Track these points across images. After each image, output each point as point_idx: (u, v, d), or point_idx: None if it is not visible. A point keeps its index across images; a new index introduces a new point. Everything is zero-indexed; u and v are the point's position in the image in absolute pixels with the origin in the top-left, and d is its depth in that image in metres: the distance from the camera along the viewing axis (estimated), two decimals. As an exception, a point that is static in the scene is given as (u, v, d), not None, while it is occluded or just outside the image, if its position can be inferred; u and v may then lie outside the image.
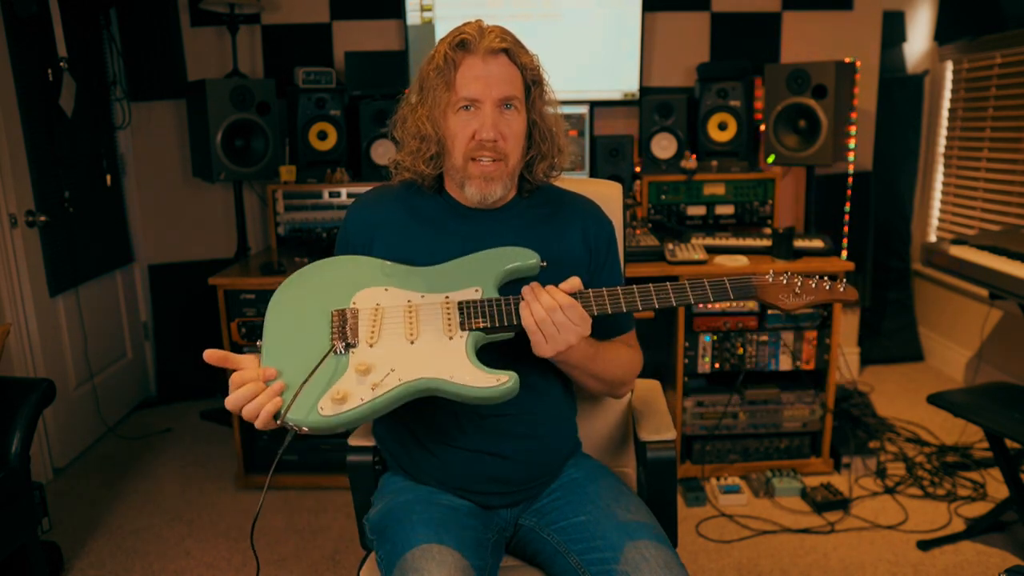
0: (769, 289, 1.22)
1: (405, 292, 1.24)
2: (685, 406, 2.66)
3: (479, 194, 1.28)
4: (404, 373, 1.14)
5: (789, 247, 2.58)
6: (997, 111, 3.24)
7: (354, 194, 2.97)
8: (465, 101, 1.23)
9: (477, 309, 1.20)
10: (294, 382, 1.12)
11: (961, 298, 3.49)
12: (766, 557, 2.25)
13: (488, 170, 1.26)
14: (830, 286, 1.21)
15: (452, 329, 1.19)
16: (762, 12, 3.34)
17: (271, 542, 2.37)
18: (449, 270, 1.26)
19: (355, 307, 1.21)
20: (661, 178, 3.03)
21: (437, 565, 1.12)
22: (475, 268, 1.25)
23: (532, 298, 1.17)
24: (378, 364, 1.14)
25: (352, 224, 1.36)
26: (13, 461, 1.88)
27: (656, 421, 1.49)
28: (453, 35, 1.25)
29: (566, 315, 1.16)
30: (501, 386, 1.13)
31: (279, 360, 1.15)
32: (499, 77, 1.23)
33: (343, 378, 1.13)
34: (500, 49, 1.23)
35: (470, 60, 1.23)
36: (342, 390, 1.11)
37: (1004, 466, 2.17)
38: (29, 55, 2.69)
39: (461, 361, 1.16)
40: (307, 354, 1.15)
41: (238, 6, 3.03)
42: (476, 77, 1.22)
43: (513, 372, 1.14)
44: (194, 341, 3.43)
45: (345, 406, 1.10)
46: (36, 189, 2.72)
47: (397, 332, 1.19)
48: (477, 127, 1.23)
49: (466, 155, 1.26)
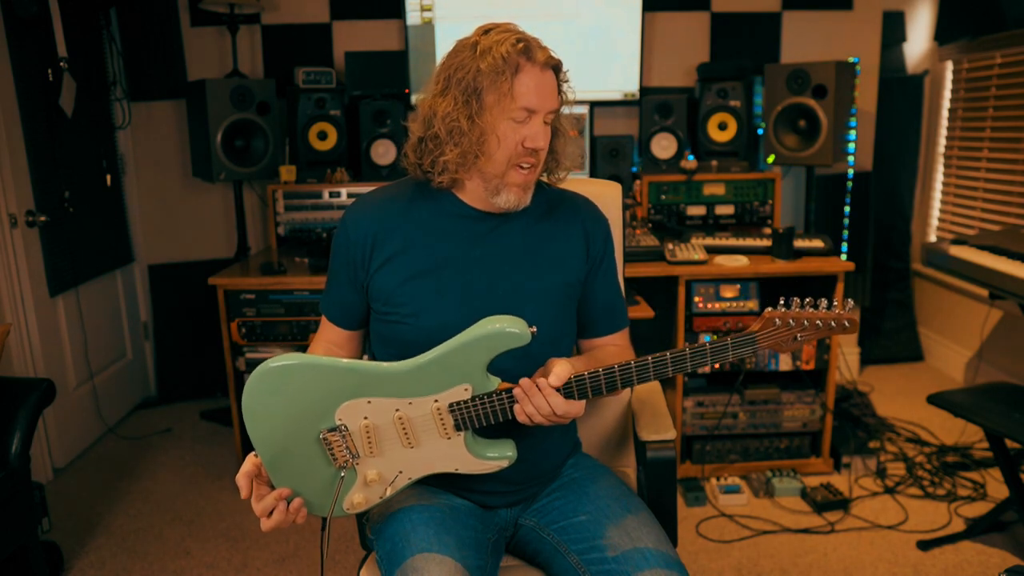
0: (769, 340, 1.18)
1: (390, 401, 1.18)
2: (685, 406, 2.66)
3: (515, 200, 1.27)
4: (412, 472, 1.23)
5: (789, 247, 2.58)
6: (997, 111, 3.24)
7: (354, 194, 2.97)
8: (524, 110, 1.21)
9: (469, 410, 1.17)
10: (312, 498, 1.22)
11: (961, 298, 3.49)
12: (766, 557, 2.25)
13: (529, 179, 1.27)
14: (835, 323, 1.16)
15: (448, 431, 1.20)
16: (762, 12, 3.34)
17: (271, 542, 2.37)
18: (432, 367, 1.16)
19: (342, 424, 1.18)
20: (661, 178, 3.03)
21: (437, 564, 1.12)
22: (460, 362, 1.15)
23: (525, 401, 1.16)
24: (385, 472, 1.22)
25: (352, 229, 1.32)
26: (13, 461, 1.88)
27: (656, 421, 1.49)
28: (508, 37, 1.20)
29: (558, 415, 1.17)
30: (502, 468, 1.23)
31: (288, 481, 1.20)
32: (552, 90, 1.24)
33: (354, 488, 1.22)
34: (553, 66, 1.24)
35: (532, 69, 1.21)
36: (358, 499, 1.23)
37: (1004, 466, 2.17)
38: (29, 55, 2.69)
39: (463, 455, 1.22)
40: (314, 476, 1.21)
41: (238, 6, 3.03)
42: (538, 86, 1.21)
43: (510, 450, 1.22)
44: (194, 341, 3.44)
45: (365, 506, 1.24)
46: (36, 189, 2.72)
47: (394, 443, 1.21)
48: (528, 135, 1.22)
49: (511, 160, 1.24)
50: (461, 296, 1.27)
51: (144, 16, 3.23)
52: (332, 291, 1.37)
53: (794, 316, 1.16)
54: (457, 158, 1.23)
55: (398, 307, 1.28)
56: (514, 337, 1.13)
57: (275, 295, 2.55)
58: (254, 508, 1.19)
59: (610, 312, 1.41)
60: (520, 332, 1.12)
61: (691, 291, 2.59)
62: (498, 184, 1.26)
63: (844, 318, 1.16)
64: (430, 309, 1.26)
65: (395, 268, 1.29)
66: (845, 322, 1.16)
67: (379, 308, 1.31)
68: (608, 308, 1.40)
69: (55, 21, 2.76)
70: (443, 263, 1.29)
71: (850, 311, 1.17)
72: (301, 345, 2.60)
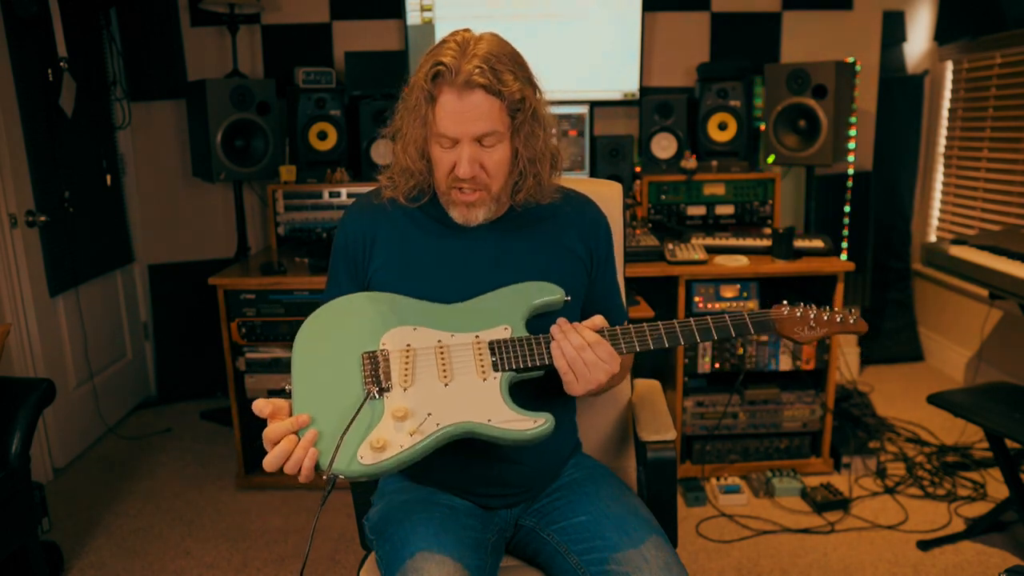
0: (786, 323, 1.23)
1: (434, 332, 1.21)
2: (685, 406, 2.66)
3: (462, 218, 1.27)
4: (442, 417, 1.13)
5: (789, 247, 2.58)
6: (997, 111, 3.24)
7: (354, 194, 2.97)
8: (442, 137, 1.20)
9: (508, 349, 1.19)
10: (329, 430, 1.10)
11: (961, 298, 3.49)
12: (766, 557, 2.25)
13: (470, 199, 1.25)
14: (841, 318, 1.22)
15: (485, 370, 1.18)
16: (762, 12, 3.34)
17: (271, 542, 2.37)
18: (476, 307, 1.24)
19: (385, 348, 1.19)
20: (661, 178, 3.03)
21: (436, 565, 1.12)
22: (502, 305, 1.23)
23: (561, 336, 1.16)
24: (415, 409, 1.14)
25: (351, 232, 1.33)
26: (13, 461, 1.88)
27: (656, 421, 1.49)
28: (432, 60, 1.18)
29: (595, 353, 1.15)
30: (538, 427, 1.13)
31: (311, 406, 1.13)
32: (476, 115, 1.17)
33: (380, 425, 1.12)
34: (477, 85, 1.16)
35: (446, 96, 1.17)
36: (381, 438, 1.10)
37: (1004, 466, 2.17)
38: (29, 55, 2.69)
39: (497, 403, 1.15)
40: (340, 400, 1.14)
41: (238, 6, 3.03)
42: (451, 113, 1.17)
43: (548, 413, 1.14)
44: (194, 341, 3.44)
45: (385, 454, 1.09)
46: (36, 189, 2.72)
47: (430, 374, 1.18)
48: (455, 159, 1.21)
49: (448, 184, 1.25)
50: (462, 298, 1.26)
51: (144, 16, 3.23)
52: (332, 290, 1.38)
53: (802, 309, 1.24)
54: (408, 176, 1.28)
55: None
56: (550, 290, 1.24)
57: (275, 295, 2.55)
58: (264, 436, 1.08)
59: (611, 309, 1.41)
60: (555, 288, 1.24)
61: (691, 291, 2.59)
62: (447, 202, 1.28)
63: (853, 319, 1.24)
64: None
65: (392, 271, 1.29)
66: (852, 319, 1.23)
67: None
68: (609, 305, 1.41)
69: (55, 21, 2.76)
70: (443, 263, 1.29)
71: (855, 320, 1.24)
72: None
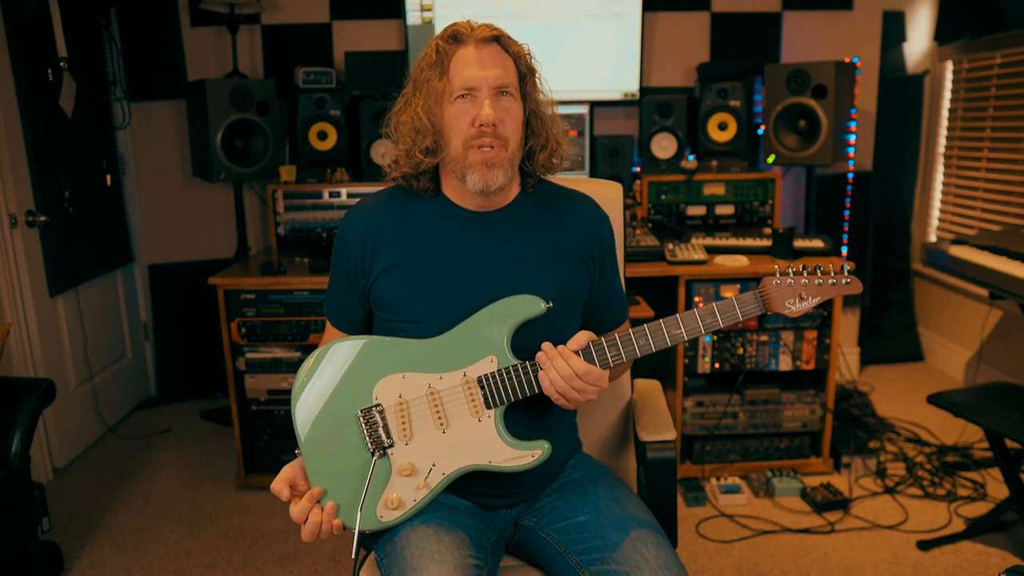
0: (775, 299, 1.19)
1: (422, 376, 1.23)
2: (685, 406, 2.66)
3: (482, 181, 1.24)
4: (445, 466, 1.22)
5: (789, 247, 2.58)
6: (997, 111, 3.24)
7: (354, 194, 2.97)
8: (462, 90, 1.22)
9: (497, 382, 1.21)
10: (346, 497, 1.21)
11: (961, 298, 3.49)
12: (766, 557, 2.25)
13: (489, 156, 1.23)
14: (834, 281, 1.19)
15: (479, 409, 1.21)
16: (762, 12, 3.34)
17: (271, 542, 2.37)
18: (459, 337, 1.23)
19: (379, 403, 1.23)
20: (661, 178, 3.03)
21: (437, 565, 1.12)
22: (484, 333, 1.22)
23: (549, 365, 1.18)
24: (419, 464, 1.22)
25: (351, 237, 1.32)
26: (13, 461, 1.88)
27: (656, 421, 1.49)
28: (443, 31, 1.27)
29: (584, 381, 1.17)
30: (536, 460, 1.21)
31: (325, 477, 1.22)
32: (493, 63, 1.23)
33: (390, 483, 1.22)
34: (492, 37, 1.24)
35: (463, 50, 1.23)
36: (394, 497, 1.21)
37: (1004, 466, 2.17)
38: (29, 55, 2.69)
39: (495, 442, 1.21)
40: (349, 463, 1.22)
41: (238, 6, 3.03)
42: (471, 64, 1.22)
43: (545, 442, 1.21)
44: (194, 341, 3.44)
45: (400, 510, 1.22)
46: (36, 189, 2.72)
47: (427, 424, 1.22)
48: (475, 113, 1.22)
49: (466, 143, 1.23)
50: (464, 300, 1.26)
51: (144, 16, 3.23)
52: (334, 296, 1.38)
53: (793, 277, 1.20)
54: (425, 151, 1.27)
55: (401, 313, 1.28)
56: (528, 303, 1.22)
57: (275, 295, 2.55)
58: (291, 514, 1.20)
59: (612, 307, 1.42)
60: (532, 299, 1.22)
61: (691, 291, 2.59)
62: (462, 169, 1.25)
63: (846, 279, 1.20)
64: (433, 315, 1.26)
65: (396, 275, 1.29)
66: (846, 280, 1.20)
67: (382, 315, 1.31)
68: (610, 303, 1.41)
69: (55, 21, 2.76)
70: (444, 267, 1.28)
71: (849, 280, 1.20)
72: (301, 345, 2.61)
